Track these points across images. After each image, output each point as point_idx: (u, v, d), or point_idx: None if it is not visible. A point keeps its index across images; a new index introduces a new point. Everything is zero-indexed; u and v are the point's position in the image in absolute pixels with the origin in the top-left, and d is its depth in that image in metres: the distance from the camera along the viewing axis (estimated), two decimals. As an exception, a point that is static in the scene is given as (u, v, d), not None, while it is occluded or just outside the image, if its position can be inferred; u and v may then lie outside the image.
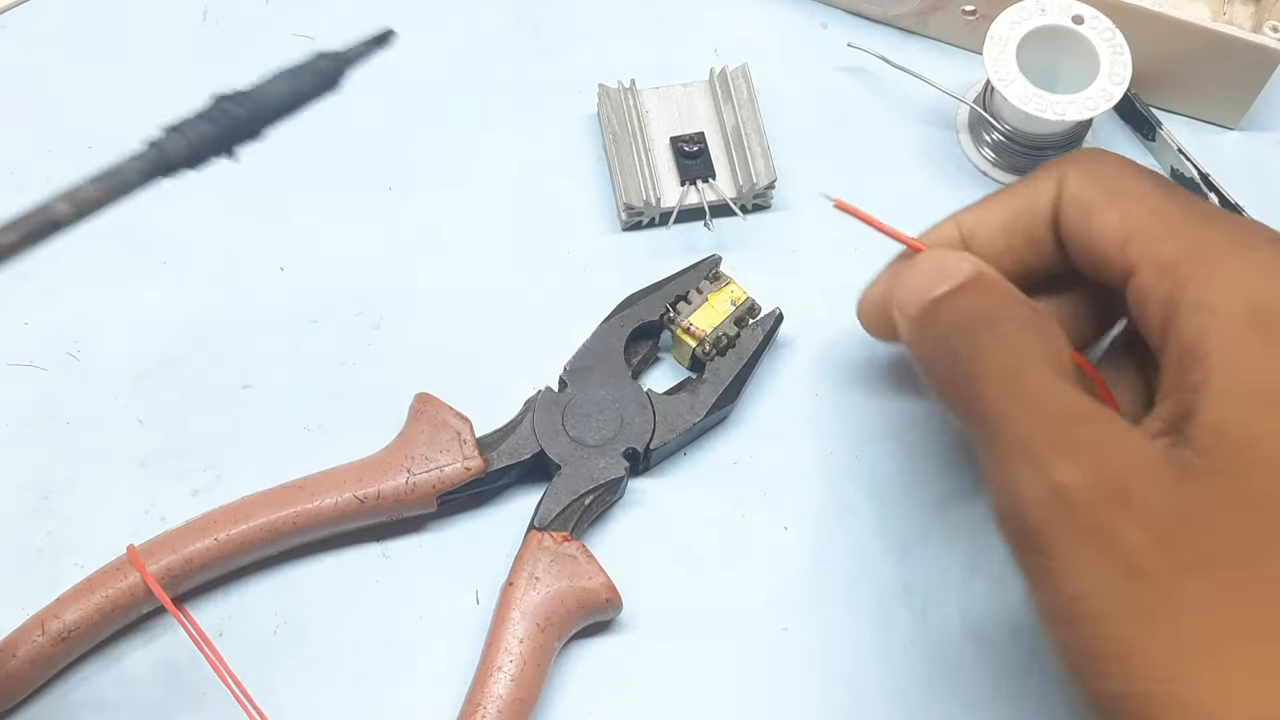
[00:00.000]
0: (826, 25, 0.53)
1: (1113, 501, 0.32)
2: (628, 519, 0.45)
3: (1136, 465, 0.33)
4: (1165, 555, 0.32)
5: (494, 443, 0.44)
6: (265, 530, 0.42)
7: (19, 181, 0.50)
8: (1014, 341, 0.36)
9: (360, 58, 0.36)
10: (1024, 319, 0.37)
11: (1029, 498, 0.33)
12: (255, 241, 0.49)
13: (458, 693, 0.41)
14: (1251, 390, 0.33)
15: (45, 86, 0.51)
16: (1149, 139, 0.51)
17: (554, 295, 0.48)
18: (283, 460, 0.43)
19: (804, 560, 0.44)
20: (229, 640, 0.42)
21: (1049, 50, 0.48)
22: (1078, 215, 0.38)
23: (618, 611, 0.42)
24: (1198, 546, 0.32)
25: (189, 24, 0.53)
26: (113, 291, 0.48)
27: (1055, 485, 0.32)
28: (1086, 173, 0.38)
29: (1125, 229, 0.37)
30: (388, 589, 0.44)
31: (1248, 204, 0.49)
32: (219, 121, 0.33)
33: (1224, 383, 0.33)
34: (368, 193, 0.50)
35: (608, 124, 0.50)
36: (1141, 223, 0.36)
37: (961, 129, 0.51)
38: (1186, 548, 0.32)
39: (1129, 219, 0.37)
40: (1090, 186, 0.38)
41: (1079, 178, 0.38)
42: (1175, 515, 0.32)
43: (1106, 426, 0.34)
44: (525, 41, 0.53)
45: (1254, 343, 0.33)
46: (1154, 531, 0.32)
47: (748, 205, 0.49)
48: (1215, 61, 0.49)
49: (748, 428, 0.46)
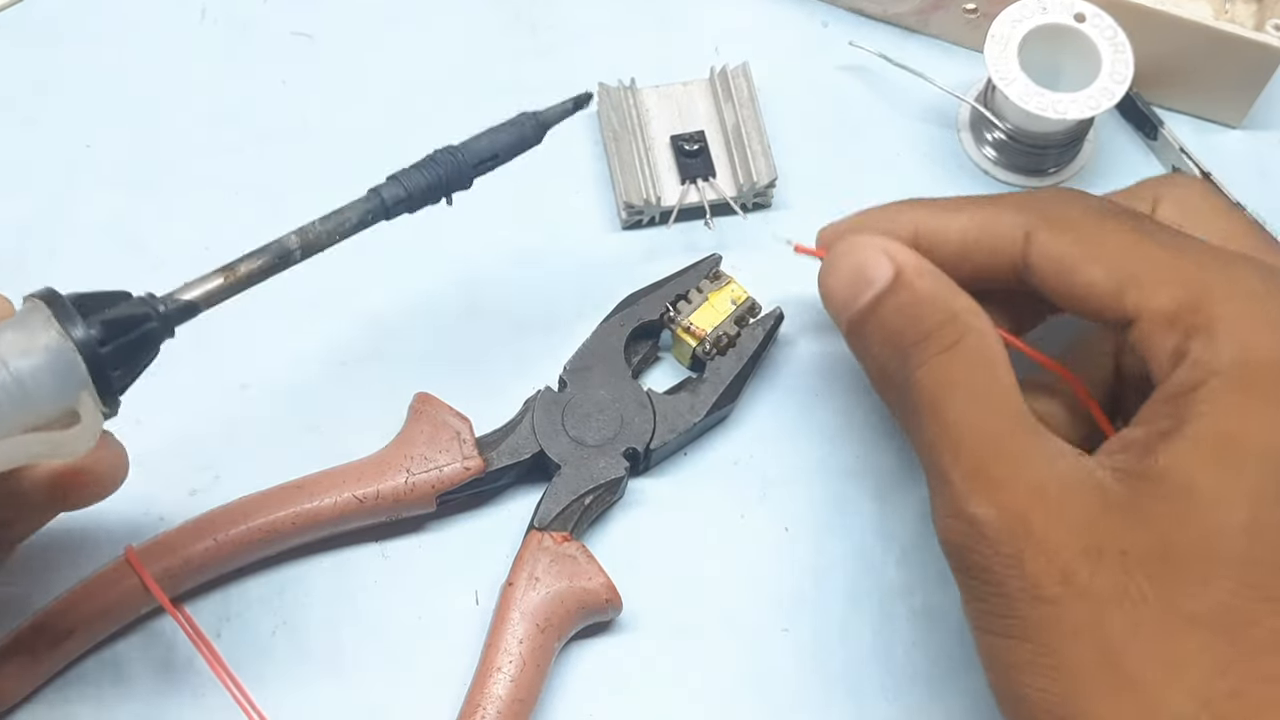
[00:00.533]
0: (827, 24, 0.53)
1: (1019, 535, 0.34)
2: (628, 519, 0.45)
3: (1048, 500, 0.34)
4: (1066, 586, 0.33)
5: (494, 443, 0.44)
6: (264, 530, 0.42)
7: (19, 181, 0.50)
8: (938, 367, 0.36)
9: (560, 117, 0.40)
10: (949, 339, 0.36)
11: (949, 524, 0.35)
12: (255, 241, 0.49)
13: (457, 693, 0.41)
14: (1214, 444, 0.33)
15: (45, 86, 0.51)
16: (1151, 138, 0.51)
17: (554, 295, 0.48)
18: (282, 460, 0.43)
19: (804, 560, 0.44)
20: (228, 640, 0.42)
21: (1050, 49, 0.48)
22: (1055, 270, 0.37)
23: (618, 612, 0.42)
24: (1102, 582, 0.33)
25: (188, 24, 0.53)
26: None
27: (970, 516, 0.34)
28: (1055, 223, 0.37)
29: (1115, 280, 0.36)
30: (387, 589, 0.44)
31: (1250, 203, 0.49)
32: (434, 172, 0.37)
33: (1194, 434, 0.33)
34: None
35: (608, 123, 0.50)
36: (1130, 271, 0.36)
37: (963, 128, 0.51)
38: (1093, 582, 0.33)
39: (1116, 269, 0.36)
40: (1062, 238, 0.37)
41: (1048, 230, 0.37)
42: (1082, 551, 0.33)
43: (1021, 461, 0.35)
44: (524, 41, 0.53)
45: (1235, 400, 0.33)
46: (1058, 564, 0.33)
47: (748, 204, 0.49)
48: (1217, 60, 0.49)
49: (748, 428, 0.46)
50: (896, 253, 0.38)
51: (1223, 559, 0.32)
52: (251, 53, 0.52)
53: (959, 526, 0.35)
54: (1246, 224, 0.39)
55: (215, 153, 0.50)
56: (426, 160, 0.37)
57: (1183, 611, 0.32)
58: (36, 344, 0.31)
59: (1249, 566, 0.32)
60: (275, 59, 0.52)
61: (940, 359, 0.36)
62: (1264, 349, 0.33)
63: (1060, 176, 0.51)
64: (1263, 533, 0.32)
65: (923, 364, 0.36)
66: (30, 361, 0.30)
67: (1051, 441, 0.35)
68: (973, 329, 0.36)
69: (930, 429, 0.36)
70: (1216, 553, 0.32)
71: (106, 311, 0.31)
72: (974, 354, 0.36)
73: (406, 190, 0.36)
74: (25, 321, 0.31)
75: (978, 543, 0.34)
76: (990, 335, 0.36)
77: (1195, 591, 0.32)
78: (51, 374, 0.31)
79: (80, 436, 0.31)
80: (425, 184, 0.36)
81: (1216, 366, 0.33)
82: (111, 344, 0.31)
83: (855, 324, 0.38)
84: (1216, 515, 0.32)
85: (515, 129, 0.38)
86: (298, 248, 0.35)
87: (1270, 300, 0.34)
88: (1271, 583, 0.32)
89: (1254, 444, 0.33)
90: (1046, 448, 0.35)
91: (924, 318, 0.37)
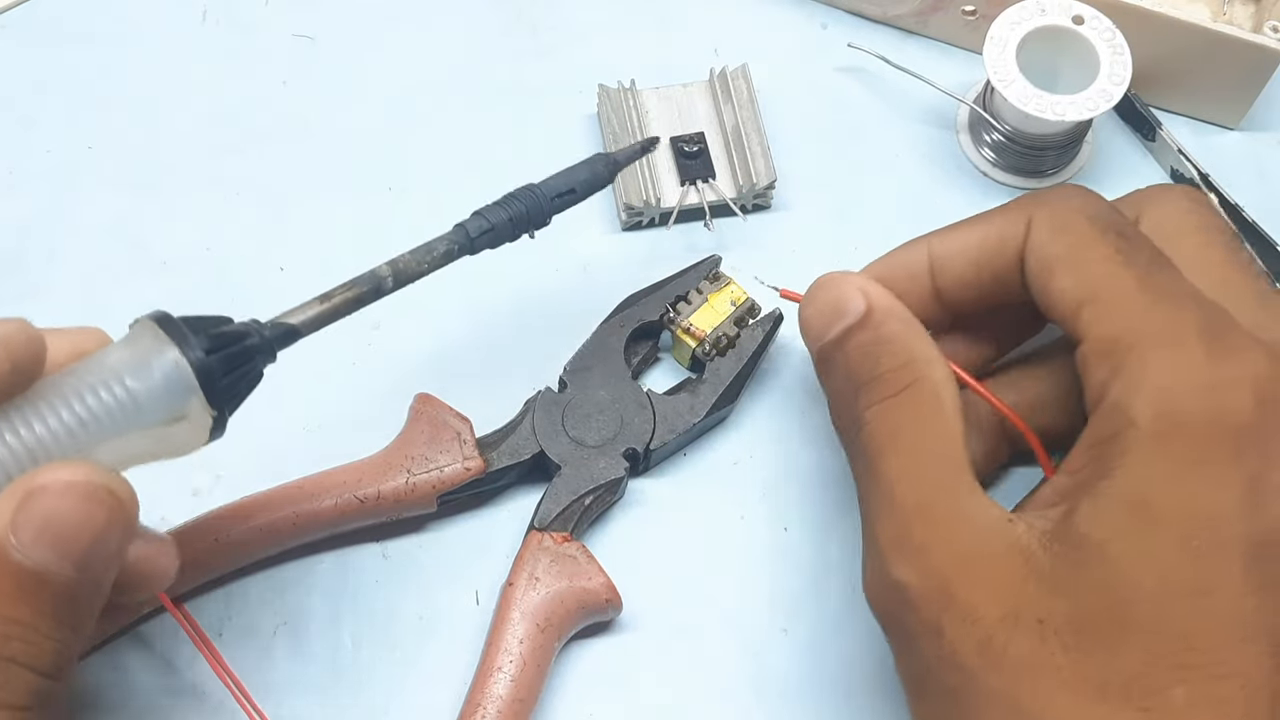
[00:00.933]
0: (826, 25, 0.53)
1: (939, 603, 0.34)
2: (628, 519, 0.45)
3: (969, 567, 0.34)
4: (983, 656, 0.33)
5: (494, 443, 0.44)
6: (265, 530, 0.42)
7: (19, 181, 0.50)
8: (885, 410, 0.37)
9: (631, 159, 0.42)
10: (900, 383, 0.37)
11: (875, 588, 0.36)
12: (255, 241, 0.49)
13: (458, 693, 0.41)
14: (1126, 507, 0.33)
15: (45, 86, 0.51)
16: (1149, 139, 0.51)
17: (554, 295, 0.48)
18: (283, 460, 0.43)
19: (804, 560, 0.44)
20: (229, 640, 0.42)
21: (1049, 50, 0.48)
22: (1039, 269, 0.37)
23: (618, 612, 0.42)
24: (1018, 650, 0.33)
25: (189, 24, 0.53)
26: (113, 291, 0.48)
27: (893, 581, 0.35)
28: (1054, 220, 0.37)
29: (1079, 295, 0.36)
30: (388, 589, 0.44)
31: (1248, 204, 0.49)
32: (514, 209, 0.39)
33: (1109, 492, 0.33)
34: (368, 192, 0.50)
35: (608, 124, 0.50)
36: (1093, 290, 0.36)
37: (961, 129, 0.51)
38: (1008, 650, 0.33)
39: (1083, 285, 0.36)
40: (1055, 239, 0.37)
41: (1046, 226, 0.37)
42: (1000, 618, 0.33)
43: (947, 525, 0.35)
44: (524, 41, 0.53)
45: (1149, 458, 0.33)
46: (976, 632, 0.33)
47: (748, 205, 0.49)
48: (1215, 62, 0.49)
49: (748, 428, 0.46)
50: (872, 292, 0.38)
51: (1132, 627, 0.32)
52: (252, 54, 0.52)
53: (883, 591, 0.35)
54: (1223, 247, 0.39)
55: (216, 153, 0.50)
56: (508, 197, 0.39)
57: (1094, 680, 0.32)
58: (146, 356, 0.32)
59: (1156, 635, 0.32)
60: (276, 60, 0.52)
61: (889, 403, 0.37)
62: (1182, 404, 0.33)
63: (1059, 178, 0.51)
64: (1170, 600, 0.32)
65: (871, 405, 0.37)
66: (141, 373, 0.32)
67: (980, 504, 0.35)
68: (925, 377, 0.37)
69: (866, 481, 0.37)
70: (1126, 620, 0.32)
71: (211, 329, 0.33)
72: (921, 403, 0.37)
73: (491, 225, 0.38)
74: (135, 339, 0.33)
75: (900, 608, 0.35)
76: (943, 384, 0.37)
77: (1106, 660, 0.32)
78: (163, 382, 0.32)
79: (190, 434, 0.33)
80: (508, 221, 0.39)
81: (1134, 416, 0.33)
82: (218, 354, 0.33)
83: (823, 354, 0.39)
84: (1127, 582, 0.32)
85: (589, 167, 0.41)
86: (389, 276, 0.37)
87: (1200, 354, 0.34)
88: (1178, 650, 0.32)
89: (1164, 508, 0.32)
90: (974, 511, 0.35)
91: (881, 358, 0.37)
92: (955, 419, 0.36)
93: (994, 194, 0.50)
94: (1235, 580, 0.32)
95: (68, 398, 0.31)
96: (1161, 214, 0.39)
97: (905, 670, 0.36)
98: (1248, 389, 0.33)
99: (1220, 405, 0.33)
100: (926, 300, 0.40)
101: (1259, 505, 0.32)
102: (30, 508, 0.30)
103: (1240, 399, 0.33)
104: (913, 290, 0.40)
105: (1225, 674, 0.31)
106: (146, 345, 0.32)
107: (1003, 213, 0.39)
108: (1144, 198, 0.40)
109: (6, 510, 0.30)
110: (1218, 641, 0.32)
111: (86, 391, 0.31)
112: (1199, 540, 0.32)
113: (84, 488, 0.31)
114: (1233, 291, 0.38)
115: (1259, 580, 0.32)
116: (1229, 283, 0.38)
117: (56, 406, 0.31)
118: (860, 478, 0.37)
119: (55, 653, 0.31)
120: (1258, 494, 0.32)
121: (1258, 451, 0.33)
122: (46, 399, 0.31)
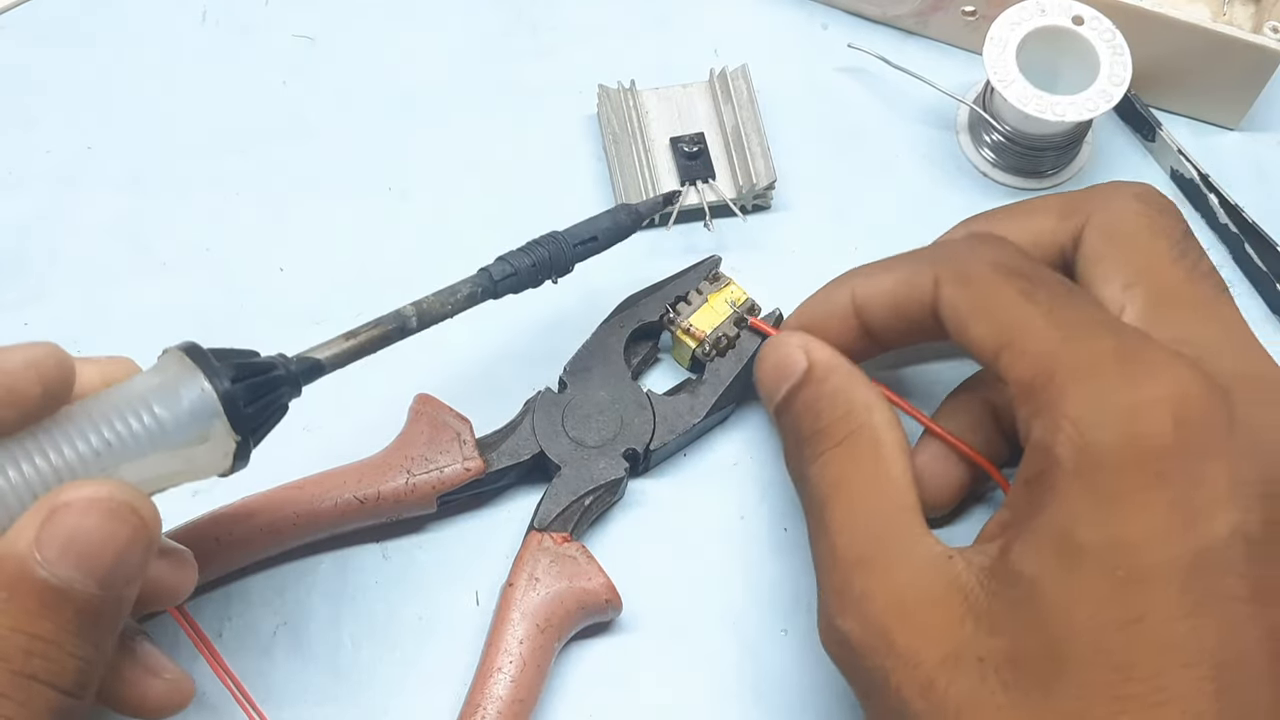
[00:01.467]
0: (826, 26, 0.53)
1: (882, 650, 0.35)
2: (628, 520, 0.45)
3: (908, 613, 0.34)
4: (926, 700, 0.33)
5: (494, 443, 0.44)
6: (265, 531, 0.42)
7: (19, 181, 0.50)
8: (829, 461, 0.38)
9: (653, 211, 0.44)
10: (841, 433, 0.38)
11: (826, 634, 0.37)
12: (255, 241, 0.49)
13: (458, 693, 0.41)
14: (1054, 543, 0.33)
15: (45, 86, 0.51)
16: (1149, 140, 0.51)
17: (554, 294, 0.48)
18: (283, 460, 0.43)
19: (804, 561, 0.44)
20: (229, 640, 0.42)
21: (1049, 51, 0.48)
22: (954, 322, 0.38)
23: (618, 612, 0.42)
24: (959, 691, 0.33)
25: (188, 25, 0.53)
26: (113, 291, 0.48)
27: (839, 631, 0.35)
28: (958, 275, 0.38)
29: (995, 341, 0.36)
30: (388, 589, 0.44)
31: (1248, 205, 0.49)
32: (538, 255, 0.40)
33: (1038, 530, 0.33)
34: (368, 193, 0.50)
35: (608, 124, 0.50)
36: (1007, 336, 0.36)
37: (961, 130, 0.51)
38: (949, 691, 0.33)
39: (997, 331, 0.36)
40: (962, 293, 0.38)
41: (951, 282, 0.38)
42: (941, 661, 0.33)
43: (886, 572, 0.35)
44: (525, 41, 0.53)
45: (1072, 494, 0.33)
46: (919, 676, 0.33)
47: (748, 206, 0.49)
48: (1215, 62, 0.49)
49: (748, 429, 0.46)
50: (813, 349, 0.40)
51: (1069, 662, 0.32)
52: (252, 54, 0.52)
53: (832, 640, 0.36)
54: (1169, 249, 0.38)
55: (216, 154, 0.50)
56: (533, 244, 0.40)
57: (1035, 717, 0.32)
58: (174, 383, 0.33)
59: (1093, 668, 0.32)
60: (276, 61, 0.52)
61: (830, 454, 0.38)
62: (1100, 436, 0.33)
63: (1058, 178, 0.51)
64: (1104, 632, 0.32)
65: (816, 457, 0.38)
66: (168, 399, 0.33)
67: (921, 546, 0.36)
68: (865, 425, 0.38)
69: (814, 532, 0.38)
70: (1062, 656, 0.32)
71: (236, 359, 0.34)
72: (860, 451, 0.37)
73: (515, 270, 0.40)
74: (163, 367, 0.33)
75: (849, 655, 0.35)
76: (883, 429, 0.38)
77: (1044, 696, 0.32)
78: (189, 408, 0.33)
79: (213, 457, 0.34)
80: (530, 267, 0.40)
81: (1056, 454, 0.33)
82: (243, 382, 0.33)
83: (776, 412, 0.40)
84: (1059, 618, 0.32)
85: (612, 219, 0.42)
86: (414, 316, 0.38)
87: (1113, 382, 0.33)
88: (1114, 681, 0.32)
89: (1088, 542, 0.32)
90: (914, 555, 0.35)
91: (823, 412, 0.38)
92: (898, 460, 0.37)
93: (994, 194, 0.50)
94: (1168, 605, 0.32)
95: (96, 422, 0.32)
96: (1109, 215, 0.39)
97: (866, 713, 0.36)
98: (1165, 410, 0.33)
99: (1137, 431, 0.33)
100: (857, 339, 0.41)
101: (1185, 528, 0.32)
102: (55, 524, 0.30)
103: (1158, 422, 0.33)
104: (844, 331, 0.41)
105: (1165, 700, 0.31)
106: (174, 373, 0.33)
107: (910, 264, 0.40)
108: (1095, 198, 0.40)
109: (31, 526, 0.30)
110: (1155, 669, 0.31)
111: (115, 416, 0.32)
112: (1123, 570, 0.32)
113: (108, 504, 0.31)
114: (1174, 298, 0.37)
115: (1192, 603, 0.32)
116: (1171, 289, 0.38)
117: (85, 430, 0.32)
118: (810, 528, 0.38)
119: (78, 670, 0.31)
120: (1182, 517, 0.32)
121: (1180, 473, 0.32)
122: (75, 422, 0.32)
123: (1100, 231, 0.39)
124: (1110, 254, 0.39)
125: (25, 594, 0.30)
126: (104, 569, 0.31)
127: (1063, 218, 0.40)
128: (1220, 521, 0.32)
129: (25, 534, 0.30)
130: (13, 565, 0.30)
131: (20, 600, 0.30)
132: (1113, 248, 0.39)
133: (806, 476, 0.38)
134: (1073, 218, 0.40)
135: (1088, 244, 0.39)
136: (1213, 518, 0.32)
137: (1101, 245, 0.39)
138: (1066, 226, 0.40)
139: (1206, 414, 0.33)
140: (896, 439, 0.38)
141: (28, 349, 0.32)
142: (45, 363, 0.31)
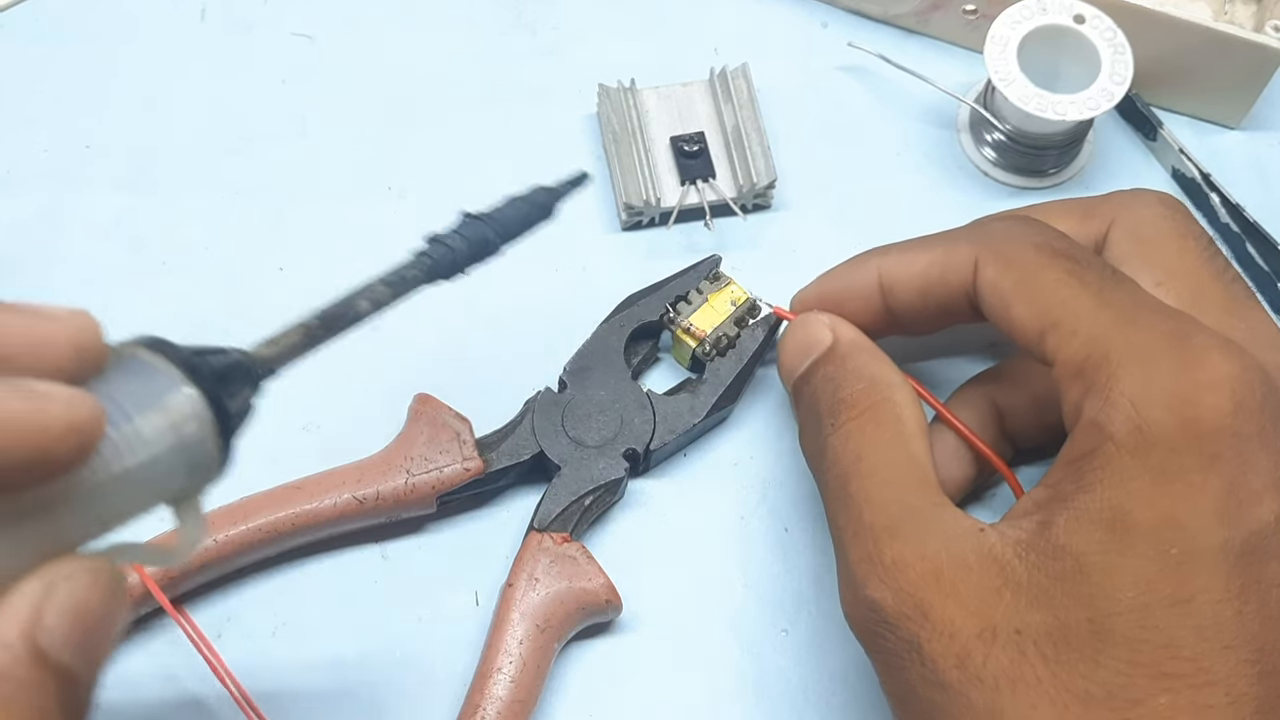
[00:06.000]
0: (827, 24, 0.53)
1: (915, 620, 0.34)
2: (628, 520, 0.45)
3: (943, 582, 0.34)
4: (962, 670, 0.33)
5: (493, 443, 0.44)
6: (265, 531, 0.42)
7: (18, 181, 0.50)
8: (849, 433, 0.38)
9: (567, 193, 0.40)
10: (863, 405, 0.38)
11: (851, 607, 0.36)
12: (255, 241, 0.49)
13: (457, 693, 0.41)
14: (1105, 520, 0.33)
15: (45, 86, 0.51)
16: (1150, 139, 0.51)
17: (554, 295, 0.48)
18: (282, 460, 0.43)
19: (804, 561, 0.44)
20: (228, 641, 0.42)
21: (1050, 50, 0.48)
22: (996, 304, 0.38)
23: (618, 612, 0.42)
24: (997, 664, 0.33)
25: (188, 24, 0.53)
26: (112, 291, 0.48)
27: (868, 601, 0.35)
28: (1000, 256, 0.38)
29: (1040, 323, 0.36)
30: (387, 590, 0.44)
31: (1249, 204, 0.49)
32: (470, 237, 0.37)
33: (1087, 506, 0.33)
34: (368, 193, 0.50)
35: (608, 124, 0.50)
36: (1054, 316, 0.36)
37: (962, 129, 0.51)
38: (987, 664, 0.33)
39: (1042, 312, 0.36)
40: (1005, 274, 0.37)
41: (993, 262, 0.38)
42: (979, 632, 0.33)
43: (918, 541, 0.35)
44: (525, 41, 0.53)
45: (1126, 472, 0.33)
46: (955, 647, 0.33)
47: (748, 205, 0.49)
48: (1217, 61, 0.49)
49: (748, 429, 0.46)
50: (838, 327, 0.40)
51: (1113, 637, 0.32)
52: (251, 53, 0.52)
53: (860, 612, 0.36)
54: (1198, 253, 0.39)
55: (215, 153, 0.50)
56: (463, 225, 0.37)
57: (1076, 691, 0.32)
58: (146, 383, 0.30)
59: (1137, 645, 0.32)
60: (275, 60, 0.52)
61: (852, 425, 0.38)
62: (1155, 417, 0.33)
63: (1059, 177, 0.51)
64: (1151, 611, 0.32)
65: (838, 428, 0.38)
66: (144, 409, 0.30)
67: (951, 517, 0.35)
68: (887, 399, 0.38)
69: (836, 504, 0.37)
70: (1106, 631, 0.32)
71: (198, 354, 0.32)
72: (883, 423, 0.37)
73: (451, 252, 0.37)
74: (129, 367, 0.31)
75: (878, 626, 0.35)
76: (904, 406, 0.38)
77: (1086, 671, 0.32)
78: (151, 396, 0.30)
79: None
80: (465, 248, 0.37)
81: (1110, 432, 0.33)
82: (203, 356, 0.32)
83: (796, 387, 0.41)
84: (1107, 594, 0.32)
85: (532, 201, 0.38)
86: (367, 308, 0.36)
87: (1169, 364, 0.34)
88: (1159, 659, 0.32)
89: (1142, 520, 0.32)
90: (945, 524, 0.35)
91: (845, 384, 0.39)
92: (919, 437, 0.37)
93: (994, 194, 0.50)
94: (1216, 588, 0.32)
95: None
96: (1135, 219, 0.40)
97: (889, 689, 0.36)
98: (1224, 393, 0.33)
99: (1195, 413, 0.33)
100: (880, 319, 0.41)
101: (1238, 511, 0.32)
102: (58, 600, 0.26)
103: (1216, 403, 0.33)
104: (866, 310, 0.41)
105: (1208, 682, 0.31)
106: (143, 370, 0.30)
107: (945, 244, 0.40)
108: (1117, 202, 0.41)
109: (32, 596, 0.26)
110: (1200, 650, 0.32)
111: None
112: (1177, 550, 0.32)
113: (106, 578, 0.27)
114: (1205, 298, 0.38)
115: (1239, 587, 0.32)
116: (1202, 289, 0.38)
117: None
118: (829, 502, 0.38)
119: None
120: (1236, 500, 0.32)
121: (1235, 456, 0.33)
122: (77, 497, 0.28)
123: (1127, 232, 0.39)
124: (1139, 253, 0.39)
125: (31, 687, 0.26)
126: (104, 649, 0.27)
127: (1083, 220, 0.40)
128: (1267, 507, 0.32)
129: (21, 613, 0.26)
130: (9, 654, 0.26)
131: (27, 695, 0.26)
132: (1142, 247, 0.39)
133: (827, 448, 0.38)
134: (1094, 220, 0.40)
135: (1115, 244, 0.39)
136: (1260, 503, 0.32)
137: (1129, 245, 0.39)
138: (1088, 229, 0.40)
139: (1261, 399, 0.33)
140: (917, 417, 0.38)
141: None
142: None
